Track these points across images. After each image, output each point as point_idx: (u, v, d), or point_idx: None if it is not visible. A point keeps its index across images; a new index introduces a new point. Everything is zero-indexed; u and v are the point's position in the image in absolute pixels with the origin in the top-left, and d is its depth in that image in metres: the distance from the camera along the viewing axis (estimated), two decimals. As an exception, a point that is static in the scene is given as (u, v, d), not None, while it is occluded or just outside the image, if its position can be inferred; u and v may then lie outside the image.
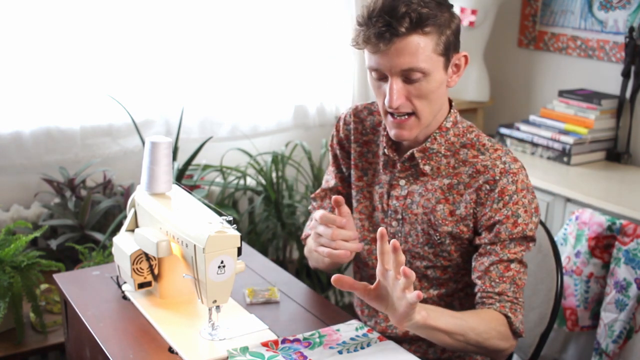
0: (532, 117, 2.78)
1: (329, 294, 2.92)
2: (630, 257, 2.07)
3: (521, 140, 2.75)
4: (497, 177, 1.45)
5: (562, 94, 2.73)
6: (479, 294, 1.46)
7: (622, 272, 2.09)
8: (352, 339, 1.43)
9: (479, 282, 1.47)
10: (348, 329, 1.47)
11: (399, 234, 1.55)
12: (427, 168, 1.51)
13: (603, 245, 2.17)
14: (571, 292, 2.23)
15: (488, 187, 1.45)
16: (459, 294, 1.58)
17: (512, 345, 1.44)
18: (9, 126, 2.42)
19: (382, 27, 1.35)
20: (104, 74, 2.55)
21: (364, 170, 1.62)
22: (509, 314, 1.42)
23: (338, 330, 1.47)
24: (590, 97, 2.64)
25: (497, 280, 1.44)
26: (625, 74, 2.60)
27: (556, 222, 2.40)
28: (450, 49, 1.42)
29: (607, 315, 2.13)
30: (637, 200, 2.23)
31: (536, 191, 2.35)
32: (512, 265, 1.45)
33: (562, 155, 2.60)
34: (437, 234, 1.50)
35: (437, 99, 1.45)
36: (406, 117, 1.44)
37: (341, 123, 1.67)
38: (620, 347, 2.11)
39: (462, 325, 1.35)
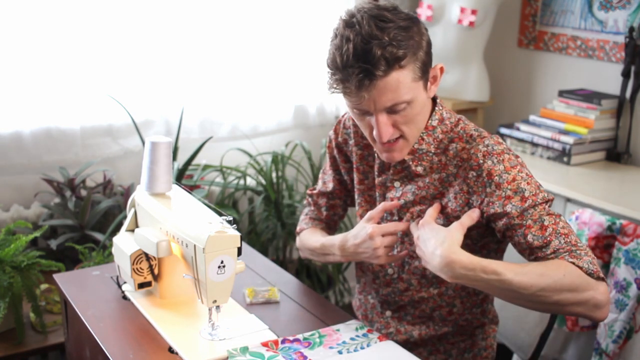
0: (532, 117, 2.78)
1: (329, 294, 2.92)
2: (630, 257, 2.07)
3: (521, 140, 2.75)
4: (481, 161, 1.40)
5: (562, 94, 2.72)
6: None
7: (622, 272, 2.09)
8: (352, 339, 1.43)
9: (531, 258, 1.37)
10: (348, 329, 1.47)
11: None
12: (419, 169, 1.49)
13: (603, 245, 2.17)
14: (571, 292, 2.23)
15: (475, 173, 1.41)
16: (460, 293, 1.56)
17: (599, 290, 1.30)
18: (9, 126, 2.42)
19: (359, 75, 1.32)
20: (104, 74, 2.55)
21: (365, 174, 1.62)
22: (572, 260, 1.31)
23: (338, 330, 1.47)
24: (590, 97, 2.64)
25: (544, 244, 1.34)
26: (625, 74, 2.59)
27: (556, 222, 2.40)
28: (426, 68, 1.40)
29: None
30: (637, 200, 2.23)
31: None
32: (545, 222, 1.35)
33: (562, 155, 2.60)
34: None
35: (422, 118, 1.45)
36: (395, 140, 1.43)
37: (340, 126, 1.67)
38: (620, 347, 2.11)
39: (530, 272, 1.28)
